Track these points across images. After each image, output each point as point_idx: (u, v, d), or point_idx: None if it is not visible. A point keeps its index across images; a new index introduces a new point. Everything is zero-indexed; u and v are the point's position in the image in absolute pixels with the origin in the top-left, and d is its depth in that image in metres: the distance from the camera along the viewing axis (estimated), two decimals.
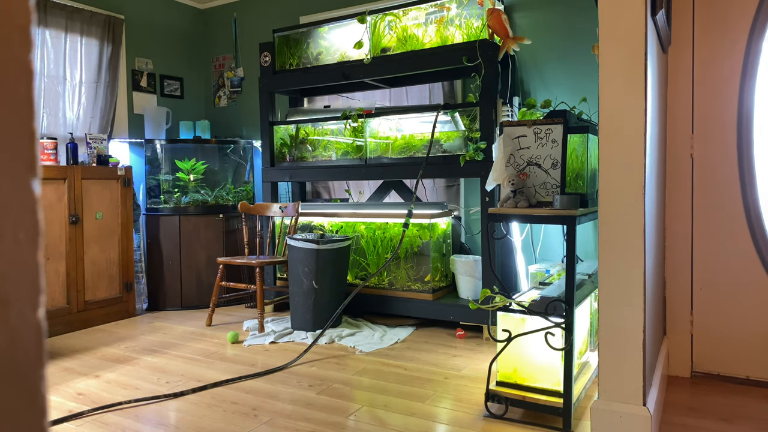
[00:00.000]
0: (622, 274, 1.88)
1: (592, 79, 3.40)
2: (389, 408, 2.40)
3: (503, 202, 2.31)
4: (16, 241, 0.35)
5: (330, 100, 4.62)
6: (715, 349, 2.69)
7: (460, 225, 3.97)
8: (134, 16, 4.75)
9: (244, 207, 4.03)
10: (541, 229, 3.68)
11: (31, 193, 0.36)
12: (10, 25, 0.35)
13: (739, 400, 2.44)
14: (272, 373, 2.86)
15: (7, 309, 0.35)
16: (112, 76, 4.49)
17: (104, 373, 2.90)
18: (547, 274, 2.92)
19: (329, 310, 3.49)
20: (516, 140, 2.34)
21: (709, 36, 2.65)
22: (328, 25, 4.01)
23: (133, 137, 4.69)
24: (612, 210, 1.89)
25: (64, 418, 2.33)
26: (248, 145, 4.84)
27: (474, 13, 3.48)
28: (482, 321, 3.34)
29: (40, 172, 0.37)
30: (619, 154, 1.87)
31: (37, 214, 0.36)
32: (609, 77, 1.88)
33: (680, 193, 2.74)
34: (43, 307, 0.37)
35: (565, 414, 2.13)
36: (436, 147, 3.55)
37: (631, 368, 1.87)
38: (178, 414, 2.39)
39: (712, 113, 2.66)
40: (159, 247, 4.36)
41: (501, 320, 2.29)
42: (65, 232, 3.72)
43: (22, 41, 0.36)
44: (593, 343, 2.68)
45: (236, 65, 5.15)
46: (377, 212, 3.82)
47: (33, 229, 0.36)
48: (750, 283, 2.60)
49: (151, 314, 4.24)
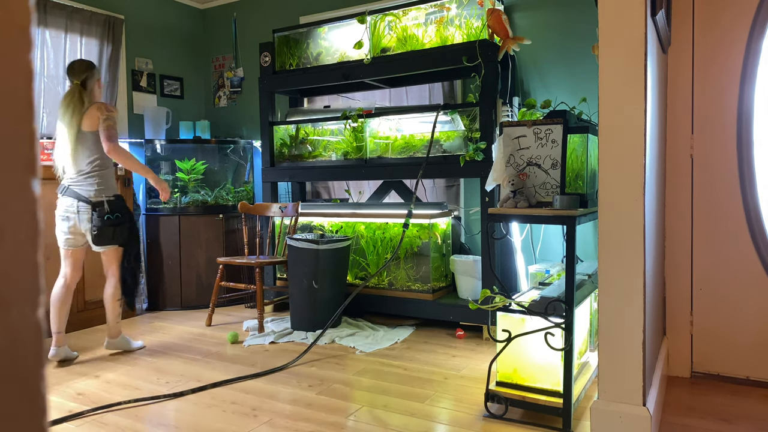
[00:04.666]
0: (622, 274, 1.88)
1: (592, 79, 3.40)
2: (389, 408, 2.40)
3: (503, 203, 2.31)
4: (16, 241, 0.35)
5: (330, 100, 4.62)
6: (715, 349, 2.69)
7: (460, 225, 3.97)
8: (134, 16, 4.75)
9: (243, 207, 4.03)
10: (541, 229, 3.68)
11: (31, 193, 0.36)
12: (10, 25, 0.35)
13: (739, 401, 2.44)
14: (272, 373, 2.86)
15: (7, 309, 0.35)
16: (112, 76, 4.49)
17: (104, 373, 2.90)
18: (547, 274, 2.92)
19: (329, 310, 3.49)
20: (516, 140, 2.34)
21: (709, 36, 2.65)
22: (328, 26, 4.01)
23: (133, 137, 4.69)
24: (612, 210, 1.89)
25: (63, 418, 2.33)
26: (248, 145, 4.84)
27: (474, 13, 3.48)
28: (482, 321, 3.34)
29: (40, 172, 0.37)
30: (619, 154, 1.87)
31: (37, 215, 0.36)
32: (609, 77, 1.88)
33: (680, 193, 2.74)
34: (42, 307, 0.37)
35: (564, 414, 2.13)
36: (435, 147, 3.55)
37: (630, 368, 1.87)
38: (177, 414, 2.39)
39: (712, 113, 2.66)
40: (159, 247, 4.36)
41: (501, 320, 2.29)
42: None
43: (22, 41, 0.36)
44: (593, 343, 2.68)
45: (236, 65, 5.15)
46: (377, 212, 3.82)
47: (33, 229, 0.36)
48: (750, 284, 2.60)
49: (151, 314, 4.24)
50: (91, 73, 3.06)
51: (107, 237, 3.00)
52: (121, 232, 3.04)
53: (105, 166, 3.06)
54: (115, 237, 3.02)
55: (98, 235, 2.97)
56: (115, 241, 3.04)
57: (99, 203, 2.97)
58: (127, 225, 3.07)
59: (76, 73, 3.03)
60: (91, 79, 3.06)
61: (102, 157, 3.03)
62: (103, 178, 3.03)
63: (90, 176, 3.00)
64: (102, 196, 3.00)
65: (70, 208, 2.99)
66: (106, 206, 2.98)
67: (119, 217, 3.02)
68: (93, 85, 3.07)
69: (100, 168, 3.03)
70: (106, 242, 3.02)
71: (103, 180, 3.03)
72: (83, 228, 3.00)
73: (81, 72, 3.04)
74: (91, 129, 3.00)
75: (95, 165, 3.01)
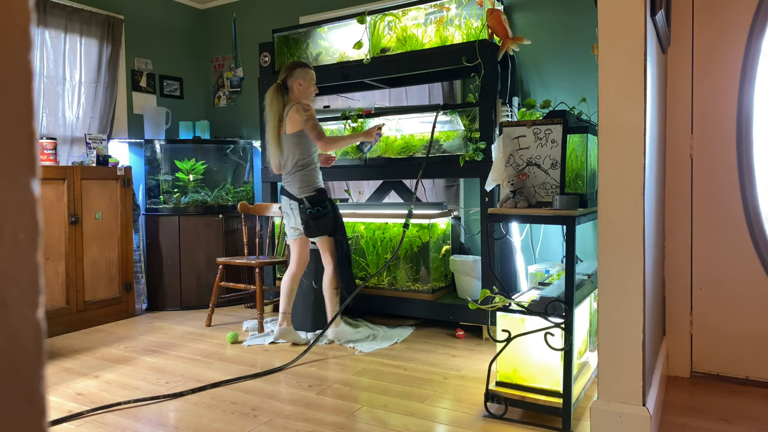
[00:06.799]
0: (621, 274, 1.88)
1: (591, 79, 3.40)
2: (389, 408, 2.40)
3: (503, 203, 2.31)
4: (16, 241, 0.35)
5: (329, 100, 4.62)
6: (715, 349, 2.69)
7: (460, 225, 3.97)
8: (134, 16, 4.75)
9: (243, 207, 4.03)
10: (541, 229, 3.68)
11: (30, 193, 0.36)
12: (9, 25, 0.35)
13: (739, 400, 2.44)
14: (272, 374, 2.86)
15: (7, 309, 0.35)
16: (112, 77, 4.48)
17: (104, 374, 2.90)
18: (547, 274, 2.92)
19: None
20: (515, 140, 2.34)
21: (708, 36, 2.65)
22: (328, 26, 4.01)
23: (132, 137, 4.69)
24: (611, 210, 1.89)
25: (63, 419, 2.33)
26: (248, 145, 4.84)
27: (473, 13, 3.48)
28: (482, 321, 3.34)
29: (39, 172, 0.37)
30: (619, 154, 1.87)
31: (36, 215, 0.36)
32: (608, 77, 1.88)
33: (680, 193, 2.74)
34: (42, 308, 0.37)
35: (564, 414, 2.13)
36: (435, 147, 3.55)
37: (630, 368, 1.87)
38: (177, 414, 2.39)
39: (711, 113, 2.66)
40: (158, 247, 4.36)
41: (500, 320, 2.29)
42: (65, 232, 3.72)
43: (21, 41, 0.36)
44: (593, 343, 2.68)
45: (236, 65, 5.15)
46: (377, 212, 3.82)
47: (32, 229, 0.36)
48: (749, 283, 2.60)
49: (151, 314, 4.24)
50: (291, 72, 3.23)
51: (314, 229, 3.22)
52: (325, 224, 3.23)
53: (307, 164, 3.23)
54: (320, 229, 3.22)
55: (306, 229, 3.23)
56: (321, 232, 3.24)
57: (301, 200, 3.21)
58: (330, 216, 3.26)
59: (279, 73, 3.30)
60: (291, 78, 3.23)
61: (304, 156, 3.22)
62: (305, 176, 3.22)
63: (294, 175, 3.23)
64: (304, 193, 3.21)
65: (286, 205, 3.29)
66: (306, 202, 3.19)
67: (319, 210, 3.21)
68: (293, 85, 3.23)
69: (303, 167, 3.22)
70: (314, 234, 3.24)
71: (306, 178, 3.22)
72: (297, 223, 3.26)
73: (282, 71, 3.27)
74: (293, 131, 3.18)
75: (298, 165, 3.22)
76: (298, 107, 3.16)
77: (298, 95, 3.23)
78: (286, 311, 3.32)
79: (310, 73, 3.27)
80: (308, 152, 3.23)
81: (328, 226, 3.24)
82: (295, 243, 3.34)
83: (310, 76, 3.26)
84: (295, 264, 3.34)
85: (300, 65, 3.26)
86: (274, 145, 3.25)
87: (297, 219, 3.25)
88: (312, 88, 3.28)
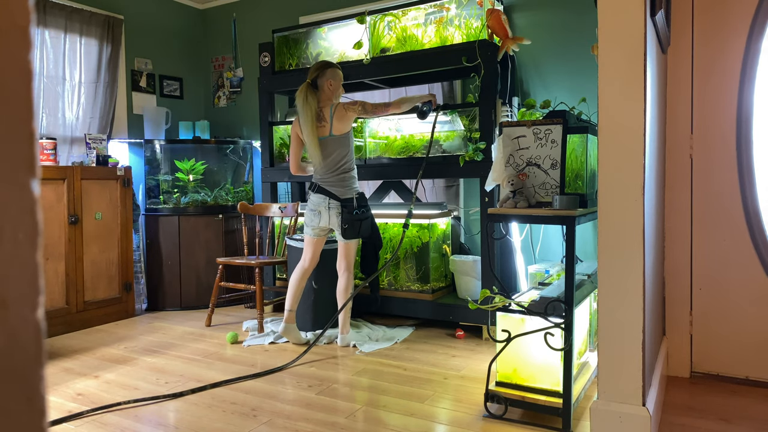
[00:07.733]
0: (621, 274, 1.88)
1: (591, 79, 3.40)
2: (389, 408, 2.40)
3: (503, 203, 2.31)
4: (16, 241, 0.35)
5: None
6: (715, 349, 2.69)
7: (460, 225, 3.97)
8: (133, 17, 4.75)
9: (243, 207, 4.03)
10: (541, 229, 3.68)
11: (30, 193, 0.36)
12: (9, 25, 0.35)
13: (739, 400, 2.44)
14: (272, 374, 2.86)
15: (7, 309, 0.35)
16: (112, 77, 4.48)
17: (103, 374, 2.90)
18: (547, 274, 2.92)
19: (329, 310, 3.49)
20: (515, 140, 2.34)
21: (708, 36, 2.65)
22: (328, 26, 4.01)
23: (132, 137, 4.69)
24: (611, 210, 1.89)
25: (63, 419, 2.33)
26: (248, 146, 4.84)
27: (473, 13, 3.48)
28: (482, 321, 3.34)
29: (39, 172, 0.37)
30: (619, 155, 1.87)
31: (36, 215, 0.36)
32: (608, 77, 1.88)
33: (680, 194, 2.74)
34: (42, 308, 0.37)
35: (564, 414, 2.13)
36: (435, 147, 3.55)
37: (630, 368, 1.87)
38: (177, 414, 2.39)
39: (711, 113, 2.66)
40: (158, 247, 4.36)
41: (500, 320, 2.29)
42: (64, 232, 3.71)
43: (21, 41, 0.36)
44: (593, 344, 2.68)
45: (236, 65, 5.15)
46: (377, 212, 3.81)
47: (32, 229, 0.36)
48: (749, 283, 2.60)
49: (151, 314, 4.24)
50: (323, 72, 3.20)
51: (354, 231, 3.21)
52: (366, 226, 3.26)
53: (352, 167, 3.27)
54: (361, 231, 3.24)
55: (348, 229, 3.20)
56: (361, 234, 3.26)
57: (348, 200, 3.19)
58: (370, 219, 3.31)
59: (309, 72, 3.24)
60: (322, 78, 3.20)
61: (351, 158, 3.23)
62: (352, 178, 3.24)
63: (340, 176, 3.20)
64: (351, 194, 3.21)
65: (322, 204, 3.20)
66: (354, 203, 3.19)
67: (364, 212, 3.23)
68: (323, 84, 3.20)
69: (350, 169, 3.24)
70: (353, 236, 3.23)
71: (352, 180, 3.24)
72: (333, 223, 3.21)
73: (313, 71, 3.23)
74: (342, 132, 3.18)
75: (346, 166, 3.22)
76: (346, 106, 3.18)
77: (329, 94, 3.21)
78: (291, 308, 3.32)
79: (340, 74, 3.26)
80: (353, 154, 3.26)
81: (367, 228, 3.27)
82: (312, 242, 3.31)
83: (340, 76, 3.26)
84: (308, 261, 3.33)
85: (330, 65, 3.24)
86: (316, 145, 3.16)
87: (331, 219, 3.19)
88: (341, 89, 3.27)
